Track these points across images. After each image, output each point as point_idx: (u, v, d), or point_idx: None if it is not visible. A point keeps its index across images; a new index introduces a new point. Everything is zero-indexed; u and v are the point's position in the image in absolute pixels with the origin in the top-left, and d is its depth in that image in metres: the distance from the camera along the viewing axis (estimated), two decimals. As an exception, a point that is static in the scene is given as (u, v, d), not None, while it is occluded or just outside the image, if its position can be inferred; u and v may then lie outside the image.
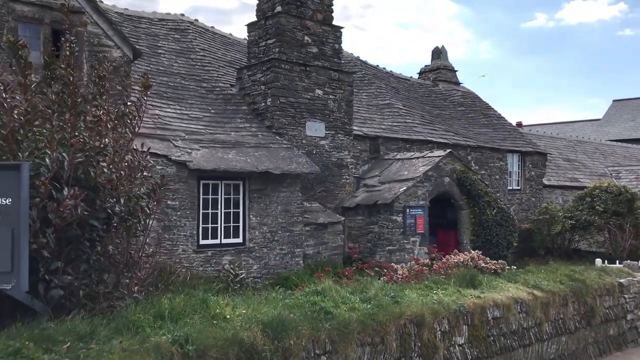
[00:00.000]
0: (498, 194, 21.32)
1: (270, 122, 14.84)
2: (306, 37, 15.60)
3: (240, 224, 12.97)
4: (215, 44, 18.91)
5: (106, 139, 5.91)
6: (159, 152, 11.98)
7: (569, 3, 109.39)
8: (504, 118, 24.55)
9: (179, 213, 12.06)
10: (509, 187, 21.91)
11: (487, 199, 16.46)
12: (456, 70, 26.08)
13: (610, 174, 28.07)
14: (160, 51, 16.38)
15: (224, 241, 12.72)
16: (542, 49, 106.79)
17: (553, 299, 8.86)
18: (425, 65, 26.24)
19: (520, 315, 8.13)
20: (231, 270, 11.12)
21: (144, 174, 6.27)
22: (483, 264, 9.51)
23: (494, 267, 9.58)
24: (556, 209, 20.55)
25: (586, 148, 30.56)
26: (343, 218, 15.02)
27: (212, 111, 14.73)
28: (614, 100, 48.35)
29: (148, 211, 6.19)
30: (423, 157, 16.56)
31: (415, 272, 9.12)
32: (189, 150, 12.49)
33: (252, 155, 13.19)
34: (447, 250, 17.71)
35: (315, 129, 15.61)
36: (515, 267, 20.00)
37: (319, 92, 15.66)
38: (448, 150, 16.40)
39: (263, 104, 15.06)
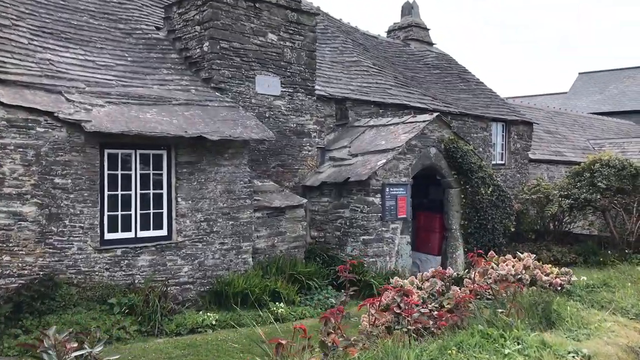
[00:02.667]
0: (482, 170, 18.31)
1: (208, 74, 11.20)
2: (255, -35, 11.95)
3: (164, 211, 9.38)
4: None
5: None
6: (41, 108, 8.25)
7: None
8: (483, 83, 21.52)
9: (72, 195, 8.39)
10: (493, 162, 18.92)
11: (482, 175, 13.34)
12: (429, 29, 22.84)
13: (593, 148, 25.61)
14: (62, -18, 12.41)
15: (141, 234, 9.13)
16: (504, 23, 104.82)
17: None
18: (395, 23, 22.88)
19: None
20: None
21: None
22: (545, 277, 6.30)
23: (559, 280, 6.39)
24: (549, 186, 17.69)
25: (564, 120, 28.01)
26: (305, 200, 11.60)
27: (129, 59, 10.96)
28: (579, 73, 46.44)
29: None
30: (404, 122, 13.26)
31: (454, 301, 5.48)
32: (89, 107, 8.78)
33: (181, 115, 9.57)
34: (429, 239, 14.64)
35: (268, 84, 12.06)
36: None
37: (272, 37, 12.08)
38: (436, 114, 13.13)
39: (198, 50, 11.38)
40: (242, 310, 9.15)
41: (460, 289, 5.98)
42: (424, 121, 12.82)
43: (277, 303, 9.50)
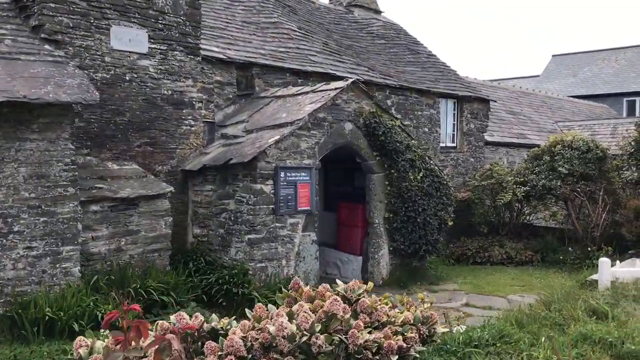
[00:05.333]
0: (428, 153, 15.77)
1: (39, 21, 8.44)
2: None
3: None
4: None
5: None
6: None
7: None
8: (435, 56, 18.93)
9: None
10: (441, 144, 16.40)
11: (410, 157, 10.78)
12: (376, -5, 20.17)
13: (561, 130, 23.22)
14: None
15: None
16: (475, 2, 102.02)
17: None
18: (337, -13, 20.17)
19: None
20: None
21: None
22: (366, 337, 3.74)
23: (400, 342, 3.83)
24: (504, 171, 15.24)
25: (532, 101, 25.62)
26: (170, 189, 8.91)
27: None
28: (553, 56, 44.28)
29: None
30: (314, 91, 10.63)
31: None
32: None
33: (-40, 69, 6.82)
34: (351, 235, 12.07)
35: (129, 38, 9.33)
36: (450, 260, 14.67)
37: (135, -23, 9.35)
38: (351, 80, 10.50)
39: (27, -11, 8.62)
40: (42, 344, 6.51)
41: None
42: (335, 89, 10.20)
43: (103, 331, 6.84)
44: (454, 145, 17.07)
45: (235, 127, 10.54)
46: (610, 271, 7.79)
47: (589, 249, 13.01)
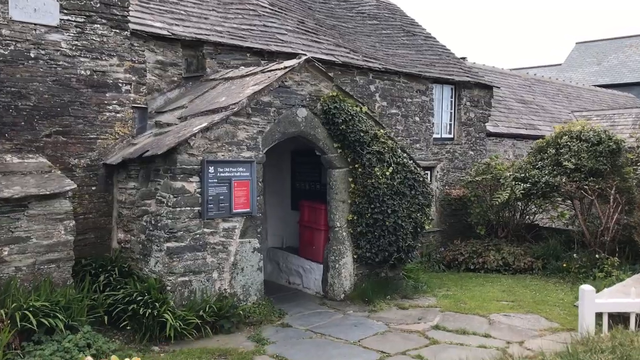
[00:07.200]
0: (418, 145, 14.11)
1: None
2: None
3: None
4: None
5: None
6: None
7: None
8: (434, 38, 17.16)
9: None
10: (435, 135, 14.67)
11: (378, 149, 9.12)
12: (371, -27, 18.43)
13: (577, 120, 21.23)
14: None
15: None
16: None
17: None
18: (328, -36, 18.49)
19: None
20: None
21: None
22: None
23: None
24: (503, 166, 13.48)
25: (547, 89, 23.63)
26: (72, 186, 7.42)
27: None
28: (576, 43, 41.92)
29: None
30: (263, 71, 9.05)
31: None
32: None
33: None
34: (313, 239, 10.44)
35: (34, 8, 7.87)
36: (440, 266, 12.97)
37: None
38: (304, 57, 8.88)
39: None
40: None
41: None
42: (284, 67, 8.59)
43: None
44: (451, 136, 15.33)
45: (172, 113, 9.03)
46: (593, 305, 6.00)
47: (597, 255, 11.25)
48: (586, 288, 6.03)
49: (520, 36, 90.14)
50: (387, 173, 9.04)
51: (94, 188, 8.47)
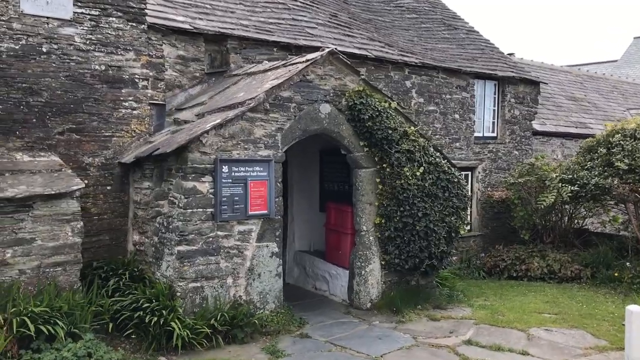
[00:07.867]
0: (458, 144, 13.35)
1: None
2: None
3: None
4: None
5: None
6: None
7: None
8: (477, 32, 16.32)
9: None
10: (476, 133, 13.87)
11: (408, 147, 8.48)
12: (411, -35, 17.71)
13: (632, 118, 19.93)
14: None
15: None
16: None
17: None
18: (366, -42, 17.86)
19: None
20: None
21: None
22: None
23: None
24: (549, 167, 12.58)
25: (600, 85, 22.32)
26: (80, 186, 7.09)
27: None
28: (634, 38, 39.80)
29: None
30: (285, 65, 8.56)
31: None
32: None
33: None
34: (340, 244, 9.87)
35: (47, 1, 7.60)
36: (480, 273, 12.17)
37: None
38: (327, 50, 8.33)
39: None
40: None
41: None
42: (306, 61, 8.07)
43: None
44: (494, 135, 14.48)
45: (191, 110, 8.64)
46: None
47: (652, 265, 10.29)
48: (634, 309, 5.23)
49: (574, 32, 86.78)
50: (418, 173, 8.39)
51: (109, 188, 8.15)
